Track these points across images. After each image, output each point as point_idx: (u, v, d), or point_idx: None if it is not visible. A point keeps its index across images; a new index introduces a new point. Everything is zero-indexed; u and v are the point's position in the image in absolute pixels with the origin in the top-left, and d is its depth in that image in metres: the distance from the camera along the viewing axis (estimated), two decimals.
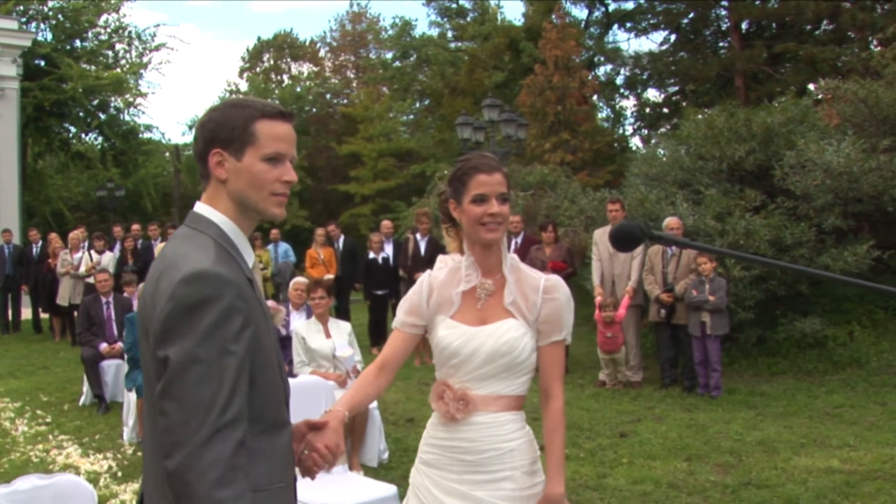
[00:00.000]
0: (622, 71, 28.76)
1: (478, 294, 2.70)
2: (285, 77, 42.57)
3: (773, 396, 8.78)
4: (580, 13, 29.01)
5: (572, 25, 26.32)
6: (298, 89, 38.53)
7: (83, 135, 28.17)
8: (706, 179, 10.69)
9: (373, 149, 32.00)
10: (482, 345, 2.61)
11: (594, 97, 27.23)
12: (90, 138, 28.68)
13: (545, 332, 2.67)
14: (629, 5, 27.45)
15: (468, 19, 34.42)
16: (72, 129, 27.47)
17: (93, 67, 25.84)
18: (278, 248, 16.27)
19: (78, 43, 26.69)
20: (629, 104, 31.22)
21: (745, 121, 10.81)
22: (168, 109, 67.16)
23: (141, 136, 29.26)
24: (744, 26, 24.09)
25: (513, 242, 10.90)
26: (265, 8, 66.96)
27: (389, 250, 12.65)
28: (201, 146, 2.05)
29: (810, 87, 20.41)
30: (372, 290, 12.62)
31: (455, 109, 24.91)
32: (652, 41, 51.75)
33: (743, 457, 6.55)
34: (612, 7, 28.36)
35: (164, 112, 67.43)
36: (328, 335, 6.94)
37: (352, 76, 43.13)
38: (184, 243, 2.01)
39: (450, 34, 35.29)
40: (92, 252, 13.78)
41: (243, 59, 42.97)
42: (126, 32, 27.74)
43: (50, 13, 26.05)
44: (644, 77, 27.57)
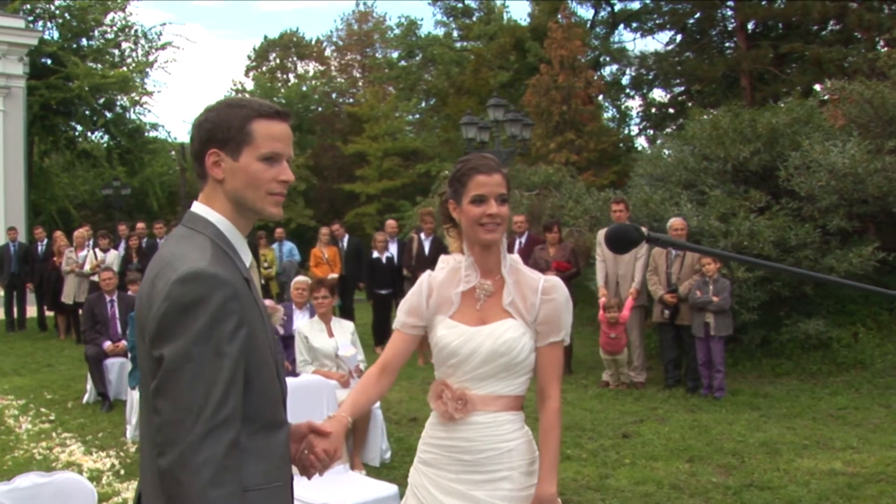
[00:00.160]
0: (628, 71, 28.72)
1: (477, 294, 2.70)
2: (291, 76, 42.62)
3: (777, 398, 8.77)
4: (586, 13, 29.01)
5: (578, 25, 26.28)
6: (304, 88, 38.56)
7: (89, 133, 28.32)
8: (711, 180, 10.66)
9: (378, 148, 32.01)
10: (481, 345, 2.62)
11: (599, 97, 27.20)
12: (96, 137, 28.86)
13: (543, 333, 2.67)
14: (635, 5, 27.42)
15: (474, 19, 34.39)
16: (78, 128, 27.62)
17: (99, 66, 25.96)
18: (283, 247, 16.30)
19: (84, 41, 26.82)
20: (635, 104, 31.24)
21: (750, 121, 10.78)
22: (174, 108, 67.36)
23: (147, 135, 29.40)
24: (750, 26, 24.01)
25: (517, 242, 10.89)
26: (271, 7, 67.11)
27: (394, 250, 12.66)
28: (198, 146, 2.05)
29: (816, 88, 20.37)
30: (376, 290, 12.63)
31: (460, 109, 24.89)
32: (658, 41, 51.80)
33: (745, 458, 6.53)
34: (618, 7, 28.34)
35: (170, 111, 67.79)
36: (331, 334, 6.96)
37: (358, 75, 43.15)
38: (180, 243, 2.01)
39: (455, 34, 35.26)
40: (97, 250, 13.81)
41: (249, 58, 43.11)
42: (132, 31, 27.89)
43: (56, 12, 26.16)
44: (650, 77, 27.51)
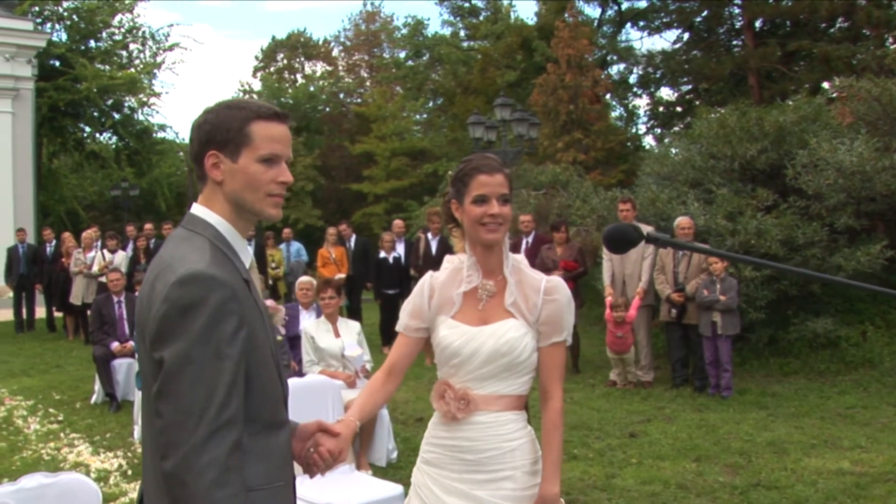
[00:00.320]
0: (635, 70, 28.65)
1: (479, 295, 2.70)
2: (299, 76, 42.70)
3: (785, 397, 8.73)
4: (593, 12, 28.99)
5: (585, 24, 26.23)
6: (312, 89, 38.65)
7: (97, 134, 28.44)
8: (718, 179, 10.63)
9: (386, 148, 32.02)
10: (483, 344, 2.62)
11: (607, 96, 27.13)
12: (104, 138, 28.97)
13: (546, 334, 2.67)
14: (642, 4, 27.41)
15: (481, 18, 34.40)
16: (86, 129, 27.74)
17: (107, 67, 26.07)
18: (290, 248, 16.36)
19: (92, 43, 26.94)
20: (642, 103, 31.17)
21: (757, 120, 10.74)
22: (182, 109, 67.41)
23: (155, 136, 29.52)
24: (757, 24, 23.96)
25: (524, 242, 10.88)
26: (279, 7, 67.17)
27: (401, 250, 12.66)
28: (197, 148, 2.06)
29: (825, 86, 20.29)
30: (383, 290, 12.63)
31: (467, 108, 24.90)
32: (665, 40, 51.77)
33: (753, 458, 6.51)
34: (625, 6, 28.34)
35: (178, 112, 67.81)
36: (337, 335, 6.96)
37: (365, 75, 43.19)
38: (180, 245, 2.02)
39: (462, 33, 35.28)
40: (105, 251, 13.86)
41: (257, 59, 43.18)
42: (140, 32, 28.00)
43: (65, 14, 26.28)
44: (657, 76, 27.47)
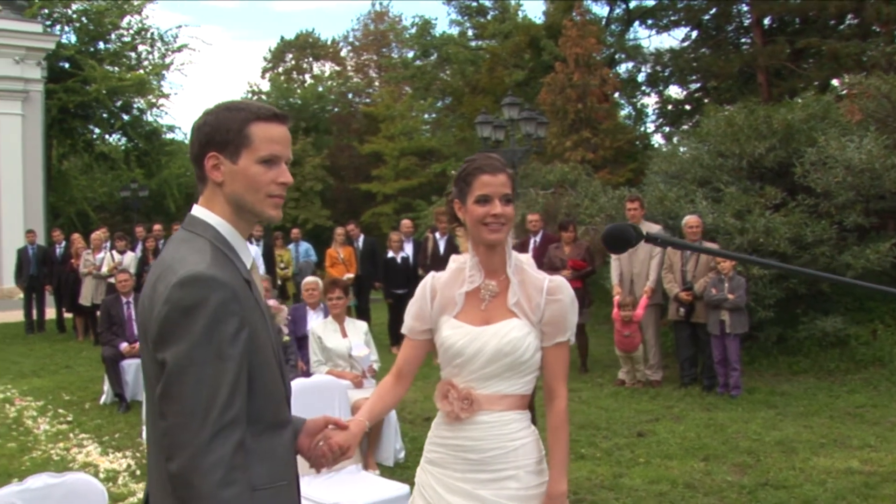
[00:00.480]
0: (643, 68, 28.53)
1: (482, 295, 2.70)
2: (307, 77, 42.76)
3: (794, 396, 8.70)
4: (601, 10, 28.90)
5: (593, 23, 26.14)
6: (320, 89, 38.70)
7: (107, 136, 28.54)
8: (726, 177, 10.59)
9: (394, 148, 32.02)
10: (486, 344, 2.62)
11: (615, 95, 27.04)
12: (114, 139, 29.08)
13: (549, 334, 2.67)
14: (650, 2, 27.26)
15: (488, 17, 34.36)
16: (96, 131, 27.84)
17: (116, 69, 26.14)
18: (299, 248, 16.38)
19: (101, 45, 27.03)
20: (650, 101, 31.06)
21: (766, 118, 10.69)
22: (191, 110, 67.53)
23: (164, 137, 29.61)
24: (766, 22, 23.82)
25: (531, 241, 10.87)
26: (287, 8, 67.33)
27: (409, 249, 12.68)
28: (197, 149, 2.06)
29: (834, 83, 20.18)
30: (392, 290, 12.64)
31: (476, 108, 24.85)
32: (673, 38, 51.25)
33: (761, 457, 6.49)
34: (633, 4, 28.22)
35: (187, 113, 67.83)
36: (344, 335, 6.97)
37: (374, 75, 43.23)
38: (180, 246, 2.02)
39: (470, 32, 35.24)
40: (114, 252, 13.90)
41: (265, 60, 43.28)
42: (148, 34, 28.08)
43: (74, 16, 26.37)
44: (665, 74, 27.32)
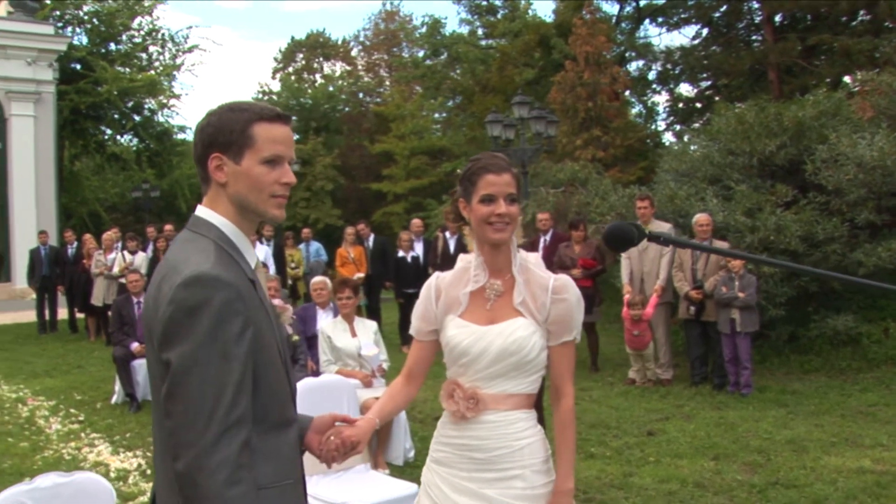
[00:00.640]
0: (654, 66, 28.46)
1: (487, 294, 2.70)
2: (318, 76, 42.83)
3: (805, 394, 8.65)
4: (611, 9, 28.84)
5: (603, 21, 26.08)
6: (331, 89, 38.77)
7: (118, 136, 28.67)
8: (736, 175, 10.55)
9: (405, 147, 32.06)
10: (491, 344, 2.61)
11: (626, 93, 26.97)
12: (125, 140, 29.20)
13: (555, 333, 2.66)
14: (660, 0, 27.19)
15: (498, 16, 34.37)
16: (107, 131, 27.98)
17: (127, 70, 26.27)
18: (310, 247, 16.39)
19: (112, 46, 27.17)
20: (661, 99, 30.97)
21: (776, 115, 10.64)
22: (201, 110, 67.50)
23: (175, 138, 29.72)
24: (777, 19, 23.73)
25: (541, 240, 10.86)
26: (297, 8, 67.47)
27: (419, 249, 12.70)
28: (200, 150, 2.07)
29: (846, 80, 20.07)
30: (402, 289, 12.64)
31: (486, 107, 24.86)
32: (684, 35, 51.16)
33: (771, 456, 6.46)
34: (643, 2, 28.12)
35: (198, 113, 67.99)
36: (354, 334, 6.99)
37: (384, 75, 43.26)
38: (185, 247, 2.03)
39: (480, 31, 35.26)
40: (125, 252, 13.96)
41: (276, 60, 43.38)
42: (159, 35, 28.22)
43: (85, 17, 26.52)
44: (676, 72, 27.25)
